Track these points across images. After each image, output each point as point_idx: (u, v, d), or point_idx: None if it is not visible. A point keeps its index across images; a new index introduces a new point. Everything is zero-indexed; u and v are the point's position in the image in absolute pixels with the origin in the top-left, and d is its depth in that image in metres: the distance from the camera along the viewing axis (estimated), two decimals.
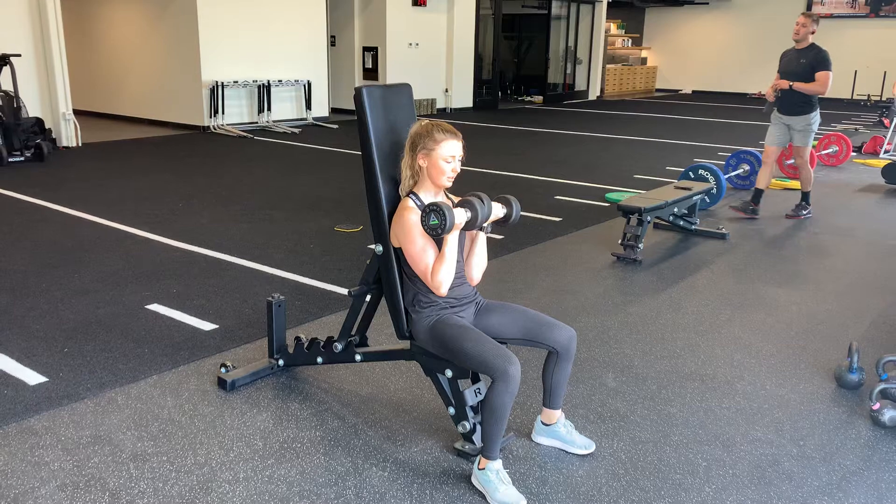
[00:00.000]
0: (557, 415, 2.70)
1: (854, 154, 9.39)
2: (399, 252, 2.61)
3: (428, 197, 2.56)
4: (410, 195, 2.57)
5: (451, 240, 2.45)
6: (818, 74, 5.76)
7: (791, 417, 2.95)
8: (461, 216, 2.43)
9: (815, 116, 5.99)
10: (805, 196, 6.32)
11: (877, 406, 2.90)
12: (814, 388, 3.21)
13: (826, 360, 3.48)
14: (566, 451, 2.67)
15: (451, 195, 2.68)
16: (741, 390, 3.17)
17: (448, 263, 2.46)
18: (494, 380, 2.33)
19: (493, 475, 2.37)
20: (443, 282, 2.47)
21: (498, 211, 2.57)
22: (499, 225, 2.64)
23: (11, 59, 8.17)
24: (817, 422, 2.92)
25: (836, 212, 6.63)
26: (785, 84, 5.85)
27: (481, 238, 2.64)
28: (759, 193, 6.29)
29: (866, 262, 5.11)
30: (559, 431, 2.69)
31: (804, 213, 6.30)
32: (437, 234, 2.39)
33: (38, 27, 8.92)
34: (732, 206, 6.45)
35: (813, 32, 5.85)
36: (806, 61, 5.81)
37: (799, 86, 5.79)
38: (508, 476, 2.40)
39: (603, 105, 16.96)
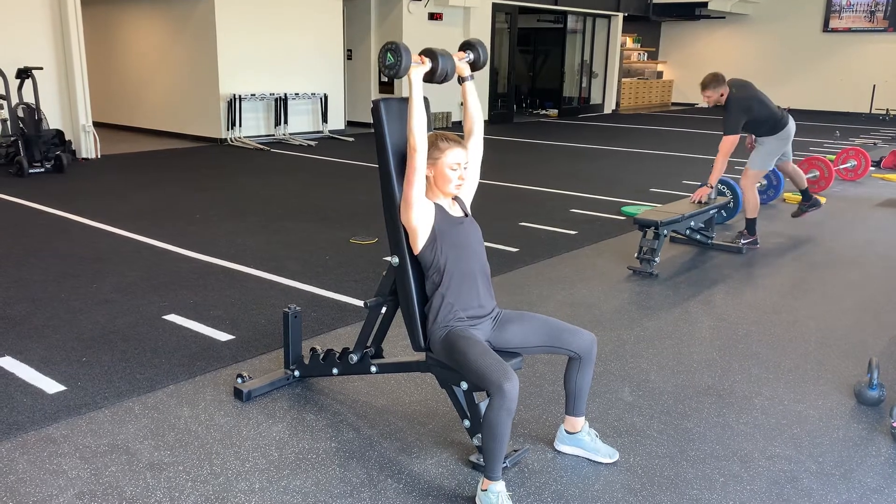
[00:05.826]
0: (581, 422, 2.69)
1: (873, 168, 9.31)
2: (417, 263, 2.62)
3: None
4: None
5: (415, 84, 2.49)
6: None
7: (810, 433, 2.92)
8: (419, 60, 2.52)
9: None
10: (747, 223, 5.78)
11: None
12: (833, 403, 3.17)
13: (845, 375, 3.44)
14: (587, 462, 2.66)
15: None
16: (759, 405, 3.14)
17: (416, 109, 2.46)
18: (490, 395, 2.32)
19: (495, 497, 2.33)
20: (415, 131, 2.46)
21: (464, 59, 2.70)
22: (472, 69, 2.74)
23: (33, 71, 8.29)
24: (836, 438, 2.89)
25: (855, 226, 6.57)
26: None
27: (469, 88, 2.72)
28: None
29: (885, 277, 5.06)
30: (583, 440, 2.69)
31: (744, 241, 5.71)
32: (394, 72, 2.46)
33: (60, 41, 9.07)
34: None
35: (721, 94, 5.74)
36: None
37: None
38: (510, 499, 2.36)
39: (618, 119, 16.94)
